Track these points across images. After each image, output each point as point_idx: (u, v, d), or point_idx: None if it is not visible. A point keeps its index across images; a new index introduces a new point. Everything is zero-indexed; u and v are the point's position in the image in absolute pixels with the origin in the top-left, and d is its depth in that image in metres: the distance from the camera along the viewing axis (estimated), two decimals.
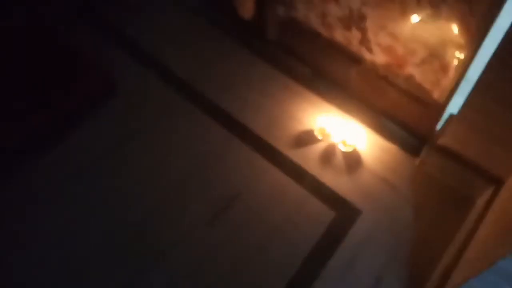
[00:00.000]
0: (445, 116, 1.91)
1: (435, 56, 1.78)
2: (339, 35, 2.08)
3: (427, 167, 1.87)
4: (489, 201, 1.63)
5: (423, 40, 1.75)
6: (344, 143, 1.96)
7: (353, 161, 1.93)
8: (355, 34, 1.99)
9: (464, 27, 1.61)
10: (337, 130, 1.99)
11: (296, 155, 1.94)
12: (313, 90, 2.18)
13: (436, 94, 1.90)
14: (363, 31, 1.95)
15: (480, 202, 1.73)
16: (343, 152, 1.95)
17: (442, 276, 1.54)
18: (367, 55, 2.04)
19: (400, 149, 1.98)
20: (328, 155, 1.95)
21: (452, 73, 1.76)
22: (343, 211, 1.79)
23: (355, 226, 1.75)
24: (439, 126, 1.92)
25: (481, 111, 1.57)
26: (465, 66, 1.68)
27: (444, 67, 1.79)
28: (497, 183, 1.65)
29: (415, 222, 1.76)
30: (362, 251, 1.69)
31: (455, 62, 1.72)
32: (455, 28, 1.64)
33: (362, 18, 1.90)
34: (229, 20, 2.39)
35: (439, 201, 1.82)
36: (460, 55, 1.69)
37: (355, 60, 2.14)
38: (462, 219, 1.74)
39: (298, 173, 1.89)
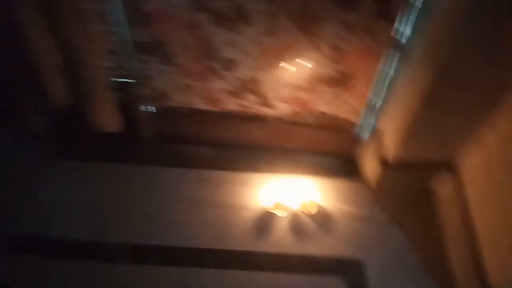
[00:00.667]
0: (368, 129, 1.99)
1: (344, 88, 1.79)
2: (233, 105, 1.90)
3: (383, 185, 1.91)
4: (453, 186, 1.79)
5: (328, 79, 1.74)
6: (305, 206, 1.84)
7: (322, 218, 1.83)
8: (251, 98, 1.86)
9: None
10: (289, 195, 1.85)
11: (269, 245, 1.73)
12: (230, 168, 1.97)
13: (353, 117, 1.93)
14: (260, 93, 1.83)
15: (444, 190, 1.89)
16: (312, 215, 1.83)
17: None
18: (270, 112, 1.93)
19: (349, 180, 1.97)
20: (299, 226, 1.80)
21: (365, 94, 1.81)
22: (349, 270, 1.70)
23: (368, 272, 1.68)
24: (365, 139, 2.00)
25: (406, 111, 1.64)
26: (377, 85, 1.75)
27: (357, 93, 1.81)
28: (451, 170, 1.81)
29: (407, 234, 1.79)
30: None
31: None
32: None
33: (255, 82, 1.77)
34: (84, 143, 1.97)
35: (414, 206, 1.90)
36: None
37: (258, 119, 2.02)
38: (436, 212, 1.89)
39: (279, 262, 1.69)
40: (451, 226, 1.77)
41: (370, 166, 1.94)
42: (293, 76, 1.74)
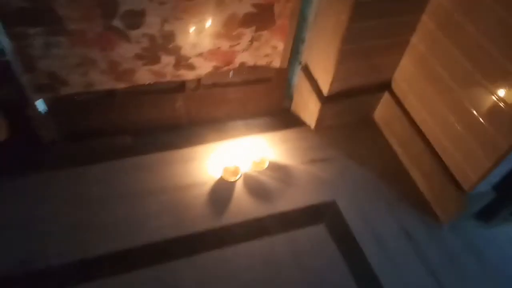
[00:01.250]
0: (296, 72, 1.87)
1: (260, 26, 1.63)
2: (146, 75, 1.62)
3: (326, 122, 1.81)
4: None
5: (247, 19, 1.55)
6: (257, 164, 1.64)
7: (279, 172, 1.65)
8: (167, 61, 1.59)
9: None
10: (235, 159, 1.64)
11: (235, 215, 1.50)
12: (160, 149, 1.69)
13: (277, 62, 1.79)
14: (176, 51, 1.57)
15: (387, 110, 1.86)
16: (264, 171, 1.63)
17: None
18: (188, 75, 1.69)
19: (293, 129, 1.83)
20: (258, 187, 1.59)
21: (285, 30, 1.67)
22: (326, 215, 1.55)
23: (344, 211, 1.55)
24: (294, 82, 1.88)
25: (329, 46, 1.57)
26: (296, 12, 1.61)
27: (274, 31, 1.67)
28: (387, 85, 1.77)
29: (367, 166, 1.71)
30: (371, 220, 1.54)
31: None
32: None
33: (169, 37, 1.51)
34: None
35: (363, 136, 1.83)
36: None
37: (178, 90, 1.76)
38: (386, 134, 1.84)
39: (251, 230, 1.48)
40: (404, 142, 1.74)
41: (308, 108, 1.82)
42: (209, 20, 1.52)
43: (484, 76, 1.31)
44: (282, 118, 1.93)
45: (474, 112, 1.37)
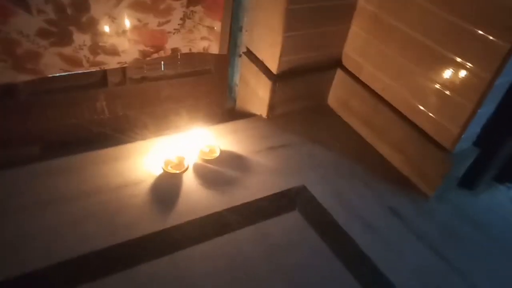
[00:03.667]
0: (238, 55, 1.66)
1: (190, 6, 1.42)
2: (54, 63, 1.30)
3: (278, 110, 1.58)
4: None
5: None
6: (205, 153, 1.34)
7: (232, 159, 1.36)
8: (81, 40, 1.29)
9: None
10: (179, 152, 1.33)
11: (185, 213, 1.16)
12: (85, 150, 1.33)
13: (215, 47, 1.57)
14: (92, 26, 1.29)
15: (336, 93, 1.68)
16: (215, 160, 1.34)
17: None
18: (110, 62, 1.40)
19: (243, 119, 1.57)
20: (208, 177, 1.28)
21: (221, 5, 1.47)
22: (297, 200, 1.26)
23: (318, 196, 1.28)
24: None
25: (271, 29, 1.41)
26: None
27: (208, 8, 1.46)
28: (337, 62, 1.61)
29: (325, 144, 1.48)
30: (350, 201, 1.27)
31: None
32: None
33: (82, 4, 1.23)
34: None
35: (318, 116, 1.62)
36: None
37: (96, 84, 1.45)
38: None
39: (212, 227, 1.13)
40: (366, 118, 1.56)
41: (257, 96, 1.60)
42: None
43: (450, 12, 1.19)
44: (227, 115, 1.69)
45: (445, 51, 1.23)
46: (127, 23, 1.34)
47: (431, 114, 1.32)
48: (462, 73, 1.19)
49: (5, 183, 1.16)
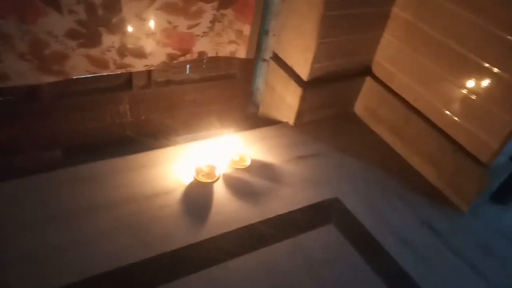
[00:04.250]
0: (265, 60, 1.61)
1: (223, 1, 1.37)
2: (80, 64, 1.25)
3: (306, 117, 1.54)
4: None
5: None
6: (236, 162, 1.30)
7: (263, 169, 1.32)
8: (109, 42, 1.25)
9: None
10: (208, 160, 1.28)
11: (220, 224, 1.11)
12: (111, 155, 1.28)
13: (242, 51, 1.53)
14: (122, 28, 1.24)
15: (364, 101, 1.63)
16: (247, 169, 1.29)
17: None
18: (137, 65, 1.35)
19: (270, 127, 1.53)
20: (240, 187, 1.24)
21: (251, 7, 1.43)
22: (332, 214, 1.22)
23: (352, 209, 1.24)
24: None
25: (304, 35, 1.37)
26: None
27: (239, 10, 1.42)
28: (367, 70, 1.57)
29: (358, 155, 1.44)
30: (385, 215, 1.23)
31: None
32: None
33: (114, 5, 1.18)
34: None
35: (348, 125, 1.58)
36: None
37: (121, 87, 1.40)
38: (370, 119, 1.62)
39: (248, 239, 1.09)
40: (397, 129, 1.52)
41: (285, 102, 1.56)
42: None
43: (489, 21, 1.15)
44: (251, 122, 1.65)
45: (484, 63, 1.19)
46: (157, 25, 1.29)
47: (467, 126, 1.29)
48: (501, 85, 1.16)
49: (29, 192, 1.11)
